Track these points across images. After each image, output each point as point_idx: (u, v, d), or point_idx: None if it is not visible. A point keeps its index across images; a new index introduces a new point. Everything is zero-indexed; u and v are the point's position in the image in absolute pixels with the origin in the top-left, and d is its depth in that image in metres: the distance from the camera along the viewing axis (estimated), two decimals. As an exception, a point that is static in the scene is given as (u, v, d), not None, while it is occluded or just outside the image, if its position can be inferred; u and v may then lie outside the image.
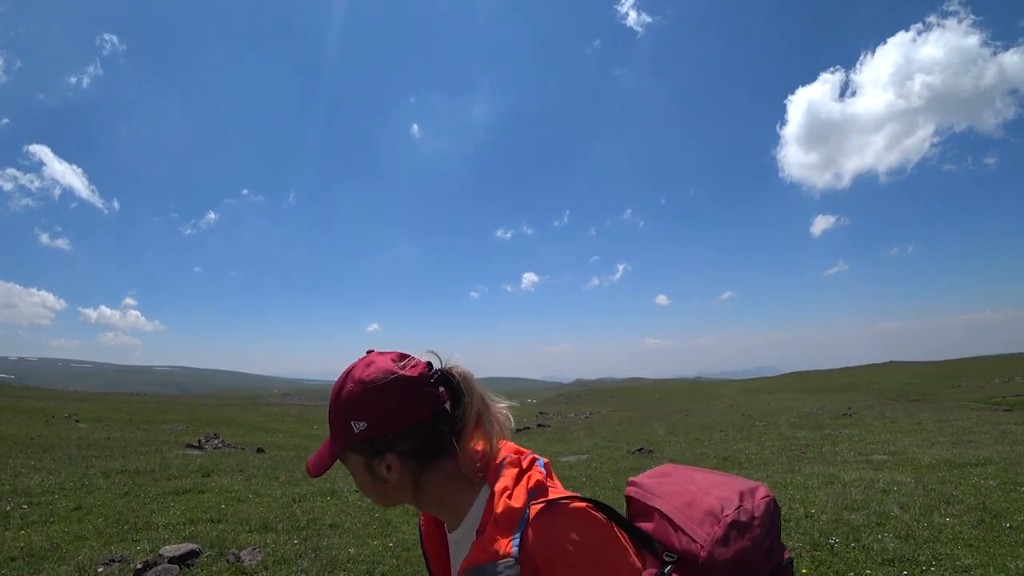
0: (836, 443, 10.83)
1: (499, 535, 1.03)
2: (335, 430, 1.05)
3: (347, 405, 1.05)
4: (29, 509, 5.97)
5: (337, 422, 1.05)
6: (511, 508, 1.03)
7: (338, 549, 4.92)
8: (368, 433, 1.05)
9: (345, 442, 1.05)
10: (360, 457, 1.05)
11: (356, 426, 1.05)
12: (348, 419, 1.05)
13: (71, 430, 18.42)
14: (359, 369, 1.06)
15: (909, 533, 4.85)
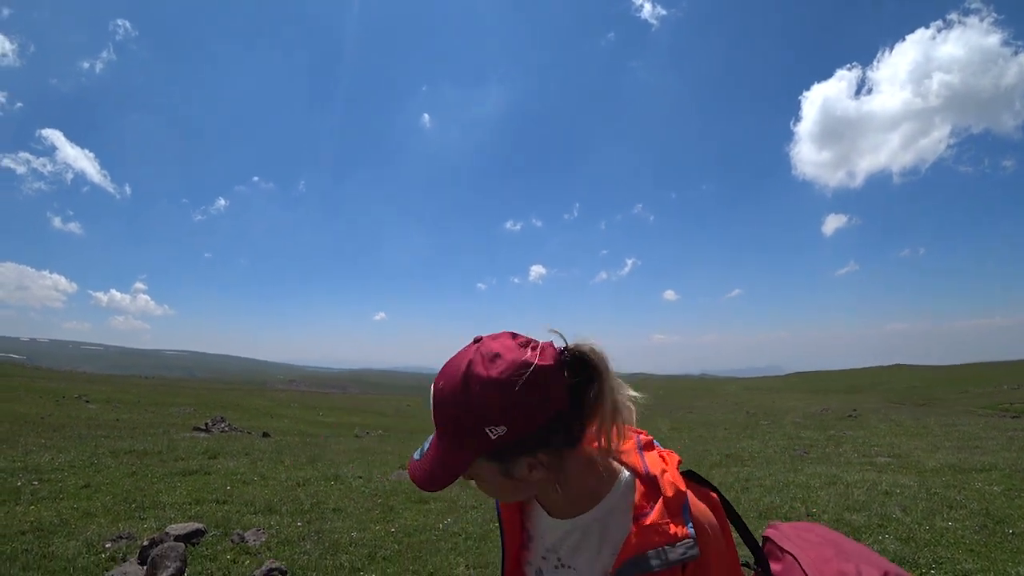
0: (840, 444, 10.79)
1: (671, 518, 0.99)
2: (461, 438, 0.94)
3: (480, 410, 0.94)
4: (39, 485, 6.07)
5: (464, 430, 0.94)
6: (678, 491, 0.99)
7: (341, 533, 4.99)
8: (508, 438, 0.95)
9: (478, 451, 0.94)
10: (495, 464, 0.95)
11: (493, 432, 0.95)
12: (482, 427, 0.94)
13: (81, 410, 18.69)
14: (483, 365, 0.94)
15: (910, 536, 4.84)
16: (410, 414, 30.48)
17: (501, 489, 0.96)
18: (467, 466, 0.94)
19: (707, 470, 8.20)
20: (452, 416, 0.95)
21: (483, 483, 0.96)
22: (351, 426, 20.94)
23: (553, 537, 1.04)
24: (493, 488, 0.96)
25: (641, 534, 0.98)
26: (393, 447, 11.07)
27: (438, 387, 0.95)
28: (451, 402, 0.94)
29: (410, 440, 12.59)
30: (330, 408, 31.18)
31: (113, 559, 4.10)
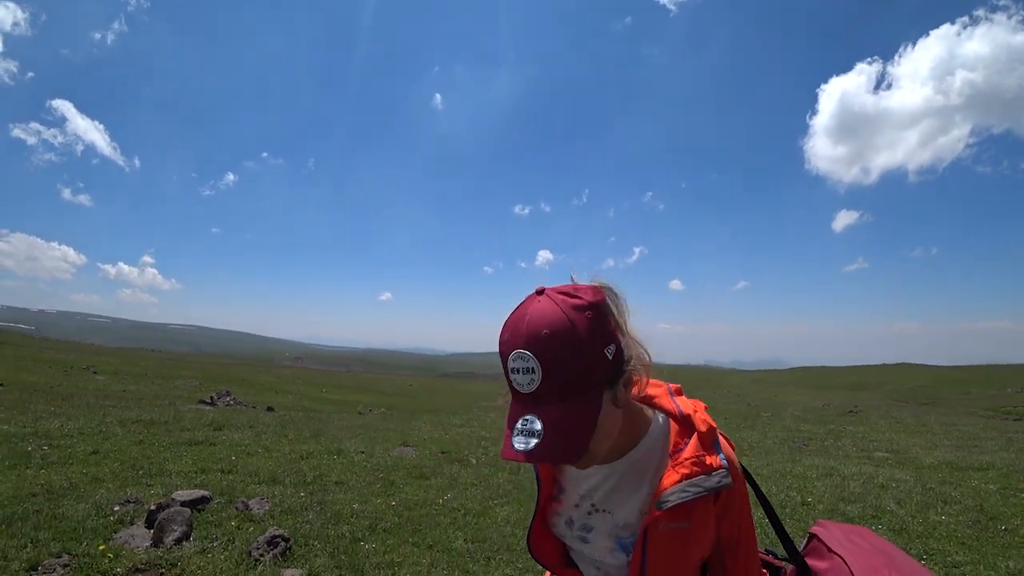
0: (839, 438, 10.85)
1: (705, 451, 1.02)
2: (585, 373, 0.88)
3: (592, 329, 0.88)
4: (49, 451, 6.21)
5: (587, 362, 0.88)
6: (711, 427, 1.05)
7: (342, 504, 5.09)
8: (618, 354, 0.93)
9: (603, 378, 0.91)
10: (611, 392, 0.93)
11: (609, 352, 0.90)
12: (601, 349, 0.89)
13: (89, 381, 18.97)
14: (570, 300, 0.90)
15: (903, 527, 4.91)
16: (413, 394, 30.74)
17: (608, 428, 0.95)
18: (600, 403, 0.91)
19: (705, 458, 8.29)
20: (572, 351, 0.87)
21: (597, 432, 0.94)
22: (355, 404, 21.15)
23: (588, 484, 1.10)
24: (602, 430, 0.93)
25: (678, 466, 1.02)
26: (395, 424, 11.20)
27: (540, 325, 0.87)
28: (568, 339, 0.87)
29: (412, 420, 12.72)
30: (334, 386, 31.46)
31: (121, 522, 4.22)
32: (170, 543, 3.84)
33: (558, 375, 0.87)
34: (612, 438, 0.99)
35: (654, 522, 1.01)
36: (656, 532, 1.01)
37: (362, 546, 4.18)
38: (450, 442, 8.79)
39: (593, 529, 1.10)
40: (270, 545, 3.83)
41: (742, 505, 1.06)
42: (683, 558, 1.03)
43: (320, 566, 3.77)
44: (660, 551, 1.01)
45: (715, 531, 1.04)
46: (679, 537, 1.01)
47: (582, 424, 0.90)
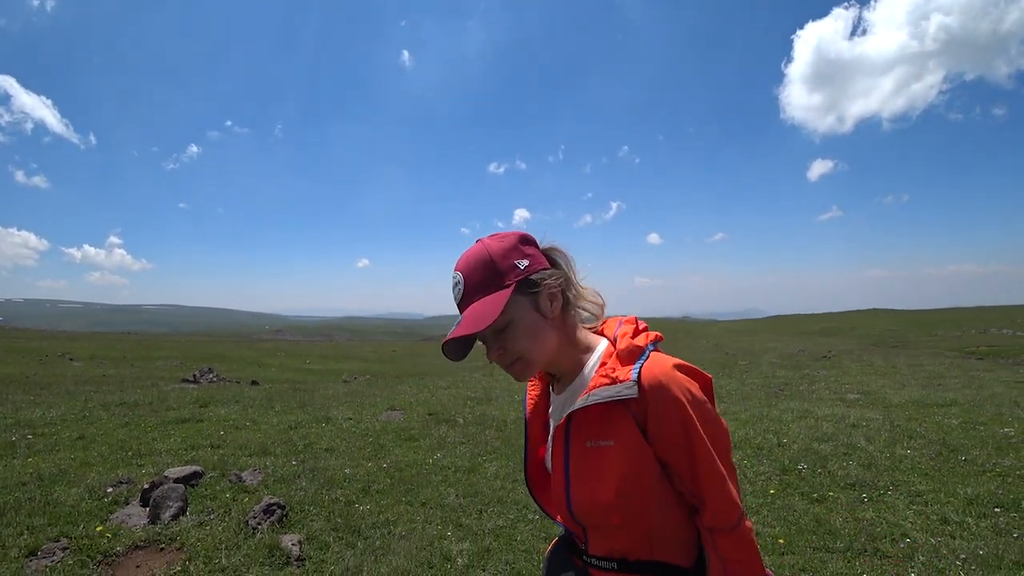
0: (813, 382, 11.26)
1: (619, 364, 1.07)
2: (495, 280, 1.07)
3: (505, 251, 1.10)
4: (34, 439, 6.17)
5: (498, 269, 1.08)
6: (634, 346, 1.09)
7: (334, 470, 5.19)
8: (531, 268, 1.10)
9: (515, 279, 1.08)
10: (525, 297, 1.09)
11: (520, 264, 1.10)
12: (512, 260, 1.09)
13: (66, 368, 18.66)
14: (494, 237, 1.15)
15: (872, 462, 5.19)
16: (396, 359, 30.87)
17: (532, 331, 1.09)
18: (506, 299, 1.06)
19: (685, 408, 8.56)
20: (484, 267, 1.09)
21: (518, 323, 1.09)
22: (339, 372, 21.22)
23: (555, 415, 1.21)
24: (527, 330, 1.09)
25: (594, 379, 1.09)
26: (381, 391, 11.30)
27: (465, 256, 1.12)
28: (480, 260, 1.10)
29: (397, 384, 12.84)
30: (317, 356, 31.42)
31: (116, 503, 4.26)
32: (167, 519, 3.91)
33: (472, 280, 1.09)
34: (548, 349, 1.12)
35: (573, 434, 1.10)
36: (578, 446, 1.09)
37: (357, 508, 4.30)
38: (436, 404, 8.93)
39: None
40: (266, 513, 3.92)
41: (680, 420, 1.02)
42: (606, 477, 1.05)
43: (317, 529, 3.88)
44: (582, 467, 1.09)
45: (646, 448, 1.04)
46: (601, 454, 1.06)
47: (491, 305, 1.05)
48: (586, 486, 1.08)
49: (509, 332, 1.09)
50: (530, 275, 1.10)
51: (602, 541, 1.12)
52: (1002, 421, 6.75)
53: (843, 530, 3.76)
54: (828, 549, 3.52)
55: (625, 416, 1.05)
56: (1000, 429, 6.30)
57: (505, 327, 1.08)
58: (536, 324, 1.10)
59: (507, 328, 1.08)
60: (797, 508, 4.18)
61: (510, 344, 1.09)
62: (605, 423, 1.06)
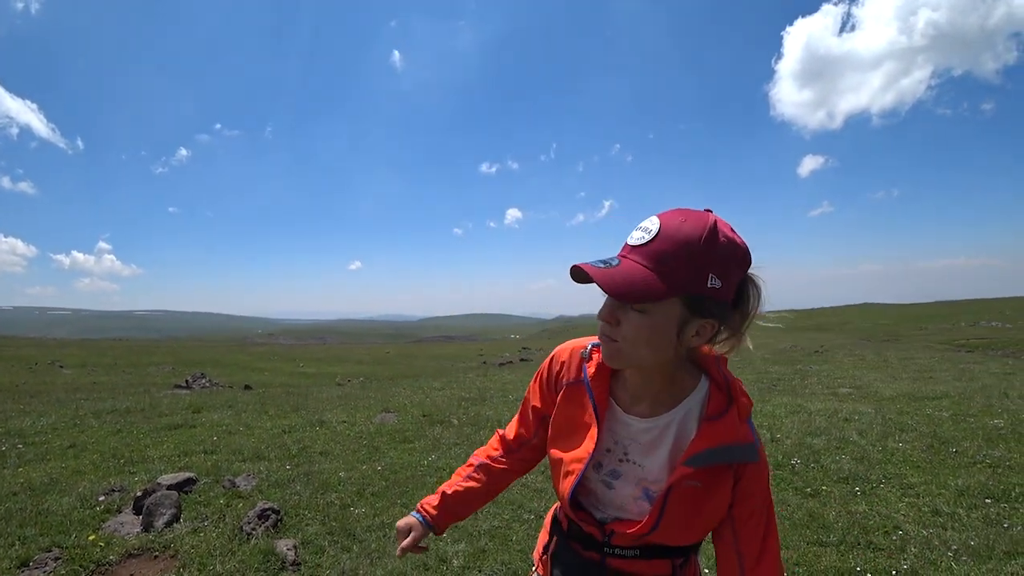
0: (806, 377, 11.34)
1: (741, 422, 1.06)
2: (677, 270, 0.93)
3: (713, 255, 0.93)
4: (24, 449, 6.10)
5: (688, 266, 0.93)
6: (748, 402, 1.08)
7: (329, 473, 5.17)
8: (716, 294, 0.95)
9: (687, 290, 0.94)
10: (684, 311, 0.97)
11: (712, 281, 0.94)
12: (708, 270, 0.93)
13: (56, 376, 18.49)
14: (728, 227, 0.97)
15: (864, 456, 5.23)
16: (390, 361, 30.77)
17: (653, 338, 0.98)
18: (665, 296, 0.93)
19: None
20: (686, 248, 0.93)
21: (649, 324, 0.97)
22: (332, 375, 21.13)
23: (626, 433, 1.14)
24: (647, 333, 0.97)
25: (713, 431, 1.04)
26: (375, 393, 11.26)
27: (677, 220, 0.95)
28: (688, 238, 0.93)
29: (391, 386, 12.80)
30: (310, 359, 31.27)
31: (108, 511, 4.22)
32: (160, 526, 3.88)
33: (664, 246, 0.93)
34: (650, 362, 1.02)
35: (680, 478, 1.05)
36: (679, 488, 1.05)
37: (352, 511, 4.29)
38: (431, 405, 8.91)
39: (621, 476, 1.14)
40: (261, 518, 3.90)
41: (761, 481, 1.08)
42: (695, 514, 1.07)
43: (313, 534, 3.86)
44: (677, 505, 1.06)
45: (729, 497, 1.07)
46: (695, 494, 1.05)
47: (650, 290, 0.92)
48: (678, 515, 1.07)
49: (635, 317, 0.97)
50: (706, 298, 0.95)
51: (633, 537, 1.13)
52: (992, 413, 6.82)
53: (836, 524, 3.78)
54: (822, 543, 3.54)
55: (727, 474, 1.06)
56: (990, 421, 6.37)
57: (640, 312, 0.97)
58: (665, 338, 0.98)
59: (641, 315, 0.97)
60: (791, 503, 4.20)
61: (629, 330, 0.98)
62: (711, 471, 1.05)
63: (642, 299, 0.93)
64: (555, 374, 1.25)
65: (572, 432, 1.18)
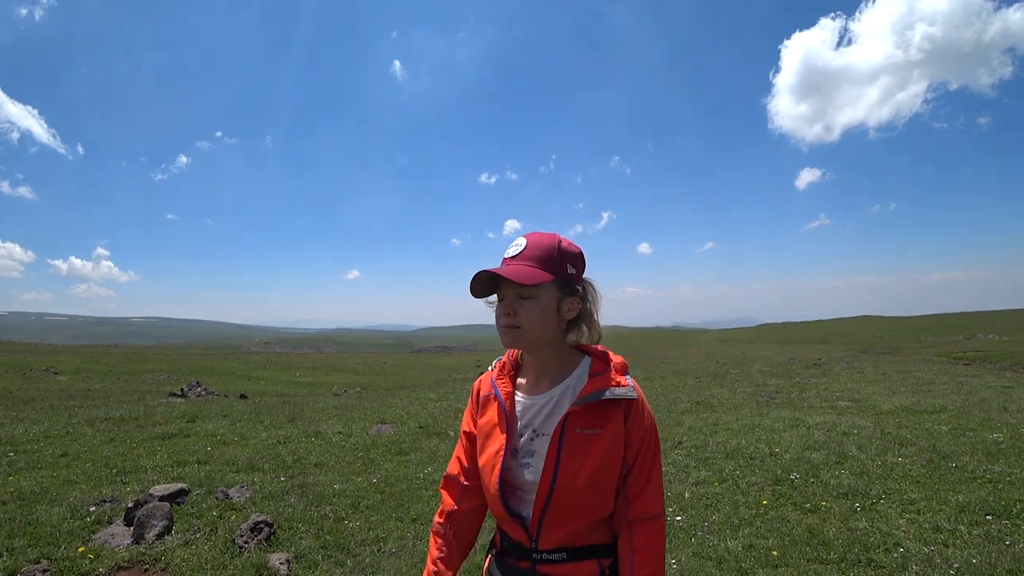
0: (804, 390, 11.31)
1: (619, 375, 1.31)
2: (548, 264, 1.28)
3: (566, 253, 1.31)
4: (16, 457, 6.04)
5: (554, 260, 1.29)
6: (624, 363, 1.36)
7: (324, 485, 5.11)
8: (574, 277, 1.33)
9: (558, 274, 1.29)
10: (557, 292, 1.31)
11: (569, 268, 1.31)
12: (565, 261, 1.30)
13: (50, 382, 18.34)
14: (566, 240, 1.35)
15: (864, 470, 5.19)
16: (387, 371, 30.64)
17: (543, 316, 1.29)
18: (547, 279, 1.26)
19: (678, 415, 8.55)
20: (547, 250, 1.30)
21: (536, 304, 1.28)
22: (329, 385, 21.02)
23: (531, 413, 1.35)
24: (539, 310, 1.28)
25: (596, 382, 1.30)
26: (372, 403, 11.20)
27: (537, 235, 1.33)
28: (548, 244, 1.31)
29: (388, 397, 12.74)
30: (307, 368, 31.13)
31: (99, 522, 4.16)
32: (151, 538, 3.82)
33: (532, 251, 1.29)
34: (543, 338, 1.31)
35: (571, 422, 1.27)
36: (571, 434, 1.27)
37: (346, 525, 4.23)
38: (427, 417, 8.86)
39: (534, 452, 1.31)
40: (254, 531, 3.84)
41: (648, 427, 1.31)
42: (590, 458, 1.25)
43: (306, 548, 3.80)
44: (572, 450, 1.26)
45: (623, 442, 1.28)
46: (589, 441, 1.26)
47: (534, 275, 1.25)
48: (572, 465, 1.25)
49: (527, 304, 1.28)
50: (569, 282, 1.32)
51: (557, 530, 1.28)
52: (991, 427, 6.80)
53: (836, 541, 3.74)
54: (822, 560, 3.50)
55: (616, 412, 1.29)
56: (989, 435, 6.34)
57: (528, 298, 1.28)
58: (550, 314, 1.30)
59: (528, 300, 1.28)
60: (790, 519, 4.16)
61: (522, 313, 1.28)
62: (599, 416, 1.28)
63: (536, 282, 1.24)
64: (476, 398, 1.49)
65: (489, 434, 1.38)
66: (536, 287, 1.27)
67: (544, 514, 1.28)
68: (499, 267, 1.30)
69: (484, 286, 1.32)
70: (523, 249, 1.30)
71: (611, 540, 1.32)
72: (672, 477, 5.30)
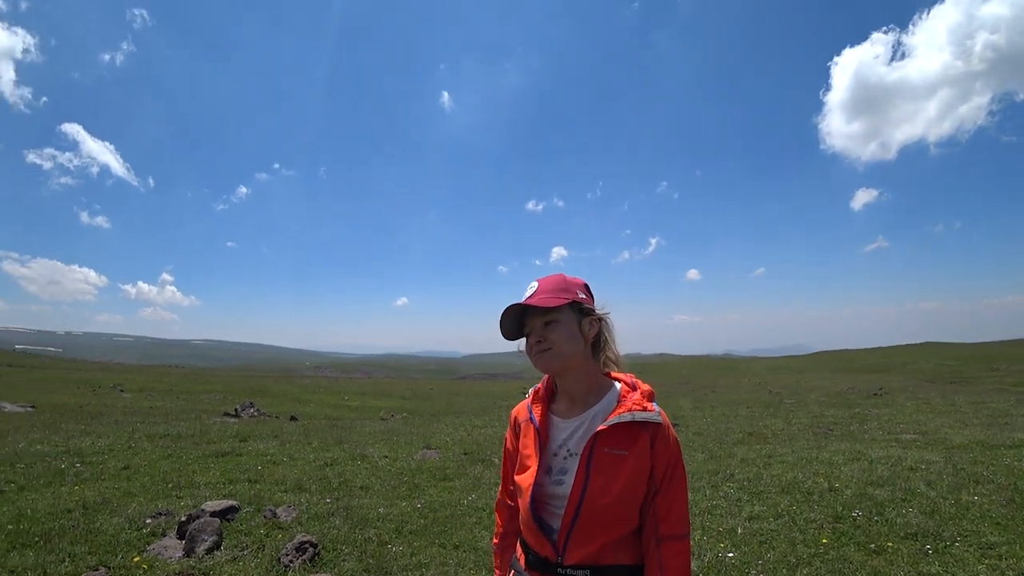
0: (865, 421, 10.70)
1: (646, 401, 1.41)
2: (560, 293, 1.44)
3: (573, 283, 1.49)
4: (82, 468, 6.35)
5: (564, 288, 1.46)
6: (651, 391, 1.46)
7: (368, 508, 5.14)
8: (586, 302, 1.48)
9: (573, 299, 1.44)
10: (574, 314, 1.45)
11: (580, 294, 1.47)
12: (575, 289, 1.47)
13: (116, 399, 19.37)
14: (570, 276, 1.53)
15: (935, 509, 4.82)
16: (433, 397, 30.84)
17: (569, 336, 1.43)
18: (564, 303, 1.42)
19: (729, 447, 8.21)
20: (557, 283, 1.47)
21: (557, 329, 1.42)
22: (376, 409, 21.31)
23: (564, 435, 1.46)
24: (564, 332, 1.42)
25: (623, 405, 1.41)
26: (417, 428, 11.26)
27: (547, 277, 1.50)
28: (556, 278, 1.48)
29: (433, 422, 12.79)
30: (355, 392, 31.69)
31: (154, 534, 4.31)
32: (201, 553, 3.92)
33: (545, 287, 1.46)
34: (574, 356, 1.44)
35: (599, 442, 1.37)
36: (600, 452, 1.37)
37: (389, 549, 4.22)
38: (472, 443, 8.83)
39: (567, 471, 1.41)
40: (299, 551, 3.89)
41: (674, 452, 1.40)
42: (618, 477, 1.34)
43: (349, 570, 3.81)
44: (600, 468, 1.36)
45: (649, 464, 1.37)
46: (617, 460, 1.36)
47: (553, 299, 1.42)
48: (600, 481, 1.35)
49: (552, 327, 1.42)
50: (583, 304, 1.47)
51: (583, 545, 1.36)
52: (1079, 466, 6.23)
53: (905, 585, 3.47)
54: (890, 605, 3.25)
55: (643, 435, 1.38)
56: (1078, 475, 5.81)
57: (552, 321, 1.43)
58: (574, 333, 1.44)
59: (553, 323, 1.43)
60: (853, 560, 3.89)
61: (550, 335, 1.42)
62: (626, 438, 1.38)
63: (556, 304, 1.41)
64: (514, 424, 1.62)
65: (527, 455, 1.50)
66: (557, 310, 1.43)
67: (572, 528, 1.36)
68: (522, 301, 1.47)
69: (512, 327, 1.50)
70: (536, 288, 1.47)
71: (635, 563, 1.39)
72: (723, 511, 5.07)
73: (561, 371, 1.47)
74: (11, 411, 12.67)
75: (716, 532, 4.55)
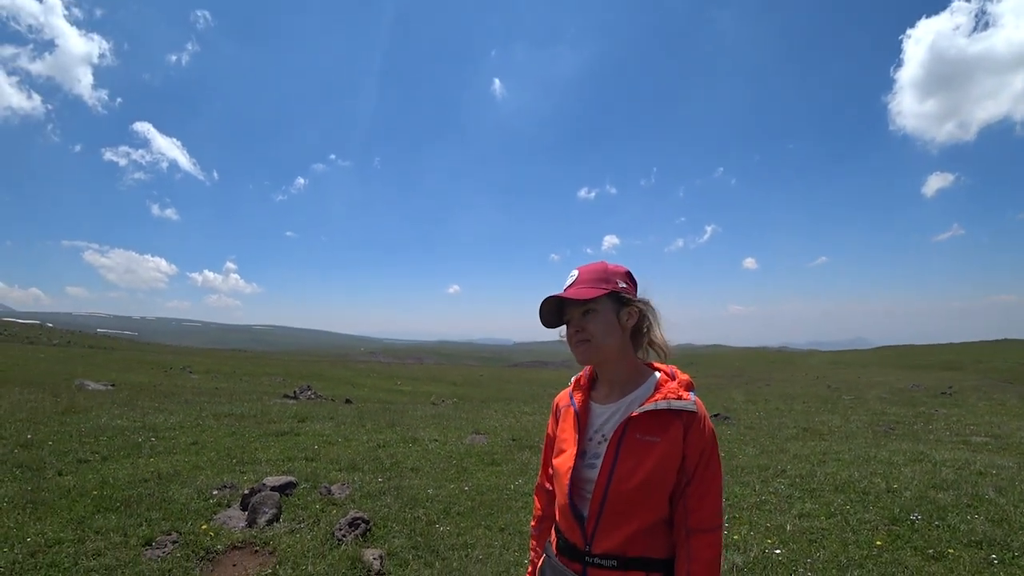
0: (930, 421, 10.17)
1: (682, 390, 1.41)
2: (599, 283, 1.44)
3: (614, 272, 1.48)
4: (156, 442, 6.83)
5: (604, 278, 1.45)
6: (689, 381, 1.46)
7: (418, 489, 5.32)
8: (627, 291, 1.47)
9: (612, 288, 1.44)
10: (612, 304, 1.45)
11: (619, 284, 1.46)
12: (615, 278, 1.46)
13: (186, 380, 20.61)
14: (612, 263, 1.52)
15: (1004, 517, 4.55)
16: (483, 383, 31.26)
17: (607, 327, 1.43)
18: (602, 294, 1.42)
19: (782, 442, 7.99)
20: (598, 272, 1.47)
21: (595, 318, 1.43)
22: (427, 394, 21.82)
23: (601, 420, 1.48)
24: (600, 324, 1.43)
25: (659, 393, 1.41)
26: (467, 414, 11.48)
27: (587, 265, 1.51)
28: (596, 267, 1.48)
29: (483, 408, 13.00)
30: (407, 378, 32.50)
31: (219, 504, 4.62)
32: (262, 524, 4.17)
33: (585, 276, 1.46)
34: (612, 347, 1.44)
35: (631, 428, 1.38)
36: (631, 438, 1.38)
37: (437, 528, 4.37)
38: (520, 429, 8.93)
39: (600, 455, 1.42)
40: (351, 526, 4.08)
41: (708, 443, 1.38)
42: (645, 463, 1.34)
43: (398, 546, 3.98)
44: (629, 453, 1.36)
45: (680, 453, 1.36)
46: (647, 447, 1.36)
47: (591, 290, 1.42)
48: (628, 465, 1.36)
49: (591, 317, 1.43)
50: (623, 293, 1.46)
51: (611, 533, 1.37)
52: None
53: (966, 591, 3.33)
54: (947, 611, 3.13)
55: (676, 424, 1.37)
56: None
57: (590, 311, 1.43)
58: (612, 324, 1.44)
59: (590, 313, 1.43)
60: (909, 564, 3.75)
61: (589, 326, 1.43)
62: (659, 425, 1.38)
63: (593, 295, 1.41)
64: (556, 411, 1.64)
65: (564, 441, 1.52)
66: (594, 300, 1.43)
67: (600, 514, 1.38)
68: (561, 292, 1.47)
69: (552, 318, 1.50)
70: (577, 277, 1.48)
71: (665, 556, 1.39)
72: (772, 507, 4.97)
73: (600, 362, 1.48)
74: (94, 389, 13.71)
75: (764, 528, 4.47)
